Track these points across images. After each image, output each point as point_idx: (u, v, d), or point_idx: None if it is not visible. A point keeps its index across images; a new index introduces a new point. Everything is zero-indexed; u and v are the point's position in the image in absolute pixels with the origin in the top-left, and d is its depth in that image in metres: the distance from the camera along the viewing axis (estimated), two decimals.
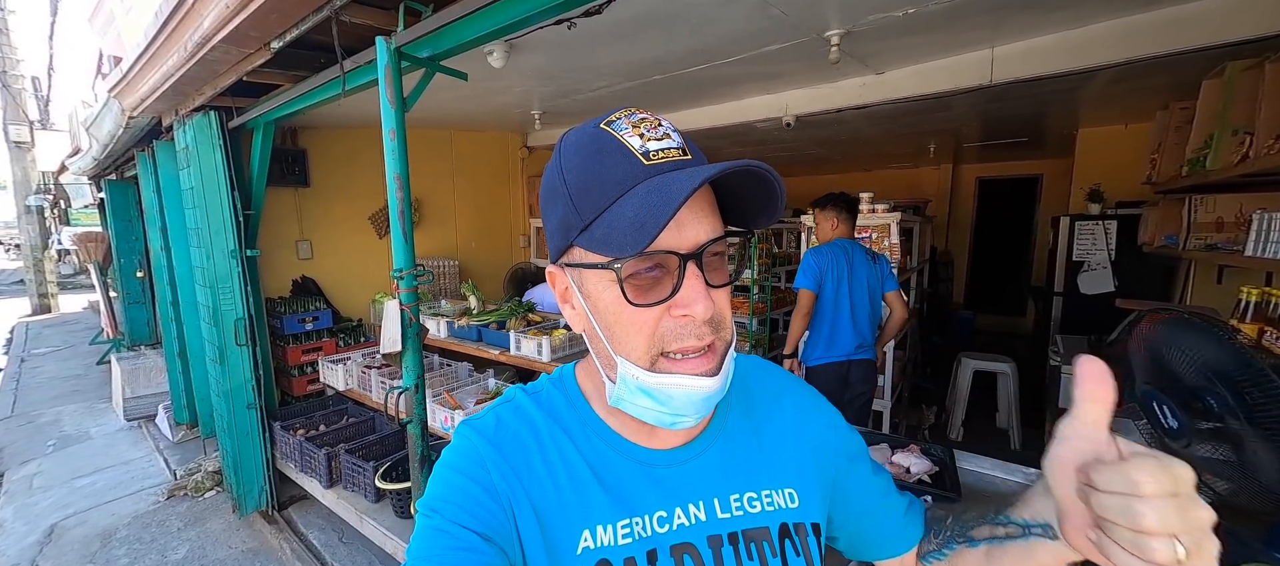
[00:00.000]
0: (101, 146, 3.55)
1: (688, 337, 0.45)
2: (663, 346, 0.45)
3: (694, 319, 0.44)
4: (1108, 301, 3.39)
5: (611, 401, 0.50)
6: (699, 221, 0.44)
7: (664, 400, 0.46)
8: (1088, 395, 0.38)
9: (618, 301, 0.45)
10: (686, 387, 0.46)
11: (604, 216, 0.43)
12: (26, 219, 9.22)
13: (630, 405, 0.49)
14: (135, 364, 4.54)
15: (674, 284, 0.44)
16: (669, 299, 0.44)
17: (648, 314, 0.45)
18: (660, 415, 0.48)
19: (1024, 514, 0.47)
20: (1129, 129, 4.02)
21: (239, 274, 2.71)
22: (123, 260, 5.44)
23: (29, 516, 3.05)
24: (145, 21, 2.13)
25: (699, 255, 0.44)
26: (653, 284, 0.45)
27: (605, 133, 0.45)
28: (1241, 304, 1.49)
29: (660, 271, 0.45)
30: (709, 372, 0.46)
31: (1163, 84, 2.85)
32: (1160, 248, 2.79)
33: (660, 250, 0.43)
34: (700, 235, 0.44)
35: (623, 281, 0.44)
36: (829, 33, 2.06)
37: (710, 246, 0.45)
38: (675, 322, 0.45)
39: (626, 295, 0.44)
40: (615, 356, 0.47)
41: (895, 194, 5.11)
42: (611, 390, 0.50)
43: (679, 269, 0.44)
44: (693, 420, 0.49)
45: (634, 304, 0.44)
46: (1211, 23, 1.85)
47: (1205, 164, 2.17)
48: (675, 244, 0.43)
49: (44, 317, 9.27)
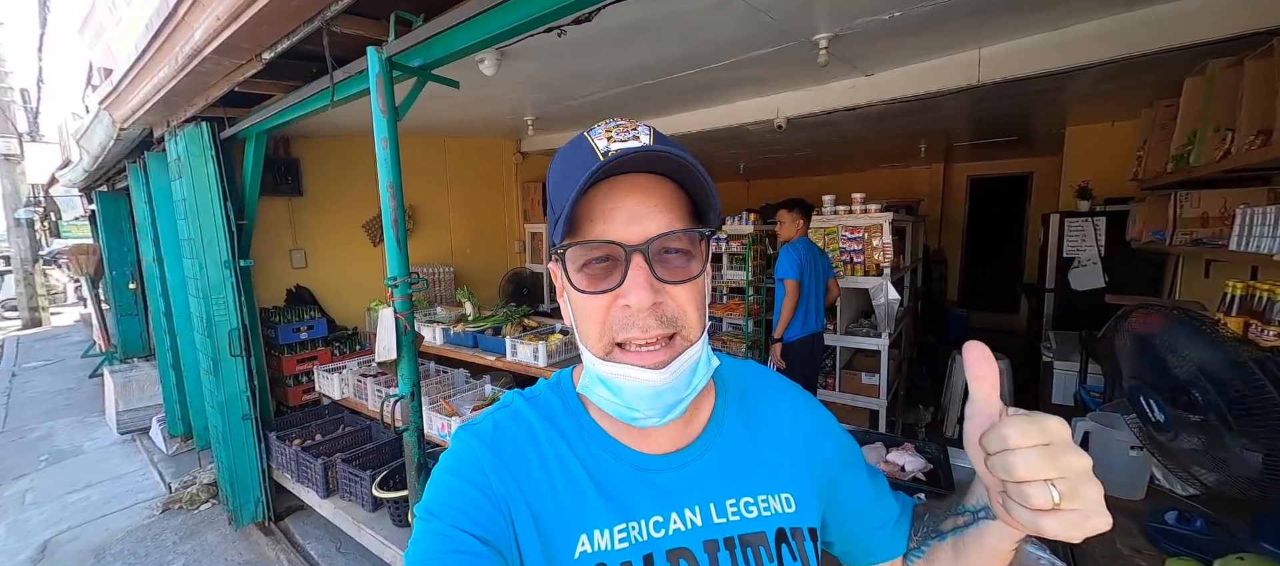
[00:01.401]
0: (92, 158, 3.53)
1: (633, 328, 0.46)
2: (614, 336, 0.47)
3: (632, 309, 0.46)
4: (1098, 297, 3.43)
5: (579, 389, 0.53)
6: (652, 216, 0.46)
7: (615, 391, 0.48)
8: (976, 376, 0.42)
9: (574, 290, 0.48)
10: (634, 380, 0.47)
11: (564, 211, 0.46)
12: (16, 232, 9.13)
13: (593, 394, 0.51)
14: (128, 376, 4.51)
15: (621, 275, 0.46)
16: (614, 288, 0.47)
17: (597, 302, 0.47)
18: (618, 407, 0.49)
19: (971, 501, 0.50)
20: (1116, 126, 4.07)
21: (232, 284, 2.70)
22: (115, 272, 5.41)
23: (21, 533, 3.02)
24: (136, 33, 2.13)
25: (646, 248, 0.45)
26: (604, 274, 0.47)
27: (582, 138, 0.48)
28: (1227, 298, 1.51)
29: (610, 262, 0.47)
30: (655, 366, 0.46)
31: (1148, 82, 2.89)
32: (1148, 243, 2.82)
33: (605, 240, 0.46)
34: (650, 229, 0.46)
35: (567, 269, 0.48)
36: (817, 36, 2.09)
37: (660, 240, 0.46)
38: (620, 312, 0.47)
39: (572, 282, 0.48)
40: (581, 345, 0.51)
41: (888, 194, 5.15)
42: (582, 380, 0.53)
43: (625, 260, 0.46)
44: (652, 418, 0.49)
45: (579, 290, 0.48)
46: (1193, 21, 1.88)
47: (1189, 160, 2.20)
48: (623, 236, 0.46)
49: (35, 332, 9.18)
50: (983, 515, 0.48)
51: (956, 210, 6.78)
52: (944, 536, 0.54)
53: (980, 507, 0.49)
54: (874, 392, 3.23)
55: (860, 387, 3.29)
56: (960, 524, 0.52)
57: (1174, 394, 1.17)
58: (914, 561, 0.59)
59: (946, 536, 0.54)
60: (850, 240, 3.23)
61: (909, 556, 0.60)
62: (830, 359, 3.43)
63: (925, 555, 0.57)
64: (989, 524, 0.48)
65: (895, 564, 0.61)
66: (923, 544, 0.58)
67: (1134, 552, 1.19)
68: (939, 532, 0.55)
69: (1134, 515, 1.30)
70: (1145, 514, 1.29)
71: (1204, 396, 1.10)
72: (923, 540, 0.58)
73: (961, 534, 0.52)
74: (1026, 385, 3.76)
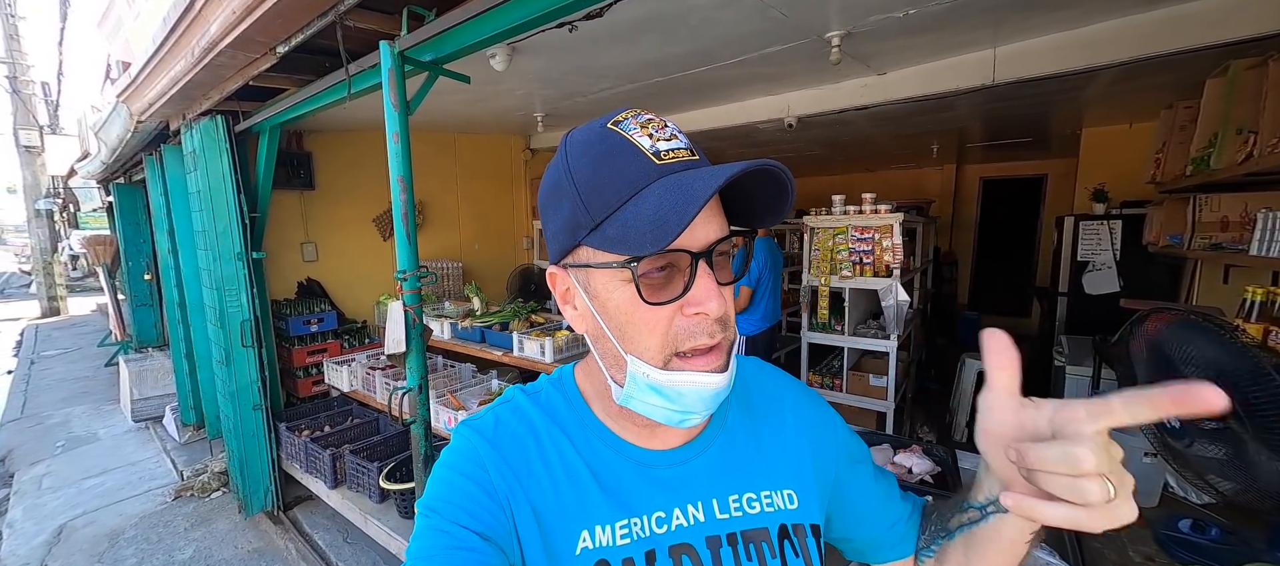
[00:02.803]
0: (110, 150, 3.59)
1: (701, 336, 0.45)
2: (676, 345, 0.45)
3: (707, 316, 0.45)
4: (1113, 302, 3.37)
5: (619, 401, 0.50)
6: (708, 220, 0.45)
7: (674, 397, 0.47)
8: (996, 365, 0.41)
9: (631, 300, 0.45)
10: (697, 385, 0.46)
11: (616, 215, 0.43)
12: (36, 222, 9.32)
13: (640, 403, 0.49)
14: (143, 365, 4.58)
15: (685, 282, 0.44)
16: (681, 297, 0.44)
17: (661, 312, 0.45)
18: (670, 413, 0.48)
19: (979, 496, 0.49)
20: (1133, 128, 4.00)
21: (245, 276, 2.73)
22: (131, 263, 5.50)
23: (38, 516, 3.08)
24: (153, 27, 2.16)
25: (709, 253, 0.44)
26: (664, 283, 0.45)
27: (614, 132, 0.45)
28: (1246, 303, 1.48)
29: (671, 270, 0.45)
30: (718, 369, 0.46)
31: (1166, 83, 2.84)
32: (1165, 247, 2.76)
33: (673, 249, 0.43)
34: (710, 234, 0.45)
35: (638, 280, 0.44)
36: (829, 34, 2.07)
37: (719, 245, 0.45)
38: (688, 321, 0.45)
39: (642, 294, 0.44)
40: (625, 355, 0.47)
41: (899, 194, 5.10)
42: (618, 391, 0.50)
43: (690, 267, 0.44)
44: (700, 417, 0.49)
45: (649, 302, 0.44)
46: (1213, 21, 1.84)
47: (1209, 163, 2.16)
48: (688, 242, 0.44)
49: (53, 320, 9.37)
50: (992, 509, 0.47)
51: (969, 212, 6.70)
52: (953, 535, 0.53)
53: (991, 502, 0.48)
54: (882, 395, 3.20)
55: (868, 389, 3.27)
56: (969, 521, 0.50)
57: None
58: (924, 561, 0.58)
59: (955, 534, 0.53)
60: (859, 240, 3.20)
61: (919, 555, 0.59)
62: (837, 360, 3.44)
63: (935, 554, 0.56)
64: (1003, 517, 0.46)
65: (906, 563, 0.60)
66: (932, 543, 0.57)
67: (1146, 560, 1.17)
68: (947, 531, 0.54)
69: (1147, 523, 1.28)
70: (1158, 522, 1.27)
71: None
72: (931, 539, 0.57)
73: (970, 530, 0.50)
74: (1038, 390, 3.65)
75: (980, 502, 0.49)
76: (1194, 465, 1.17)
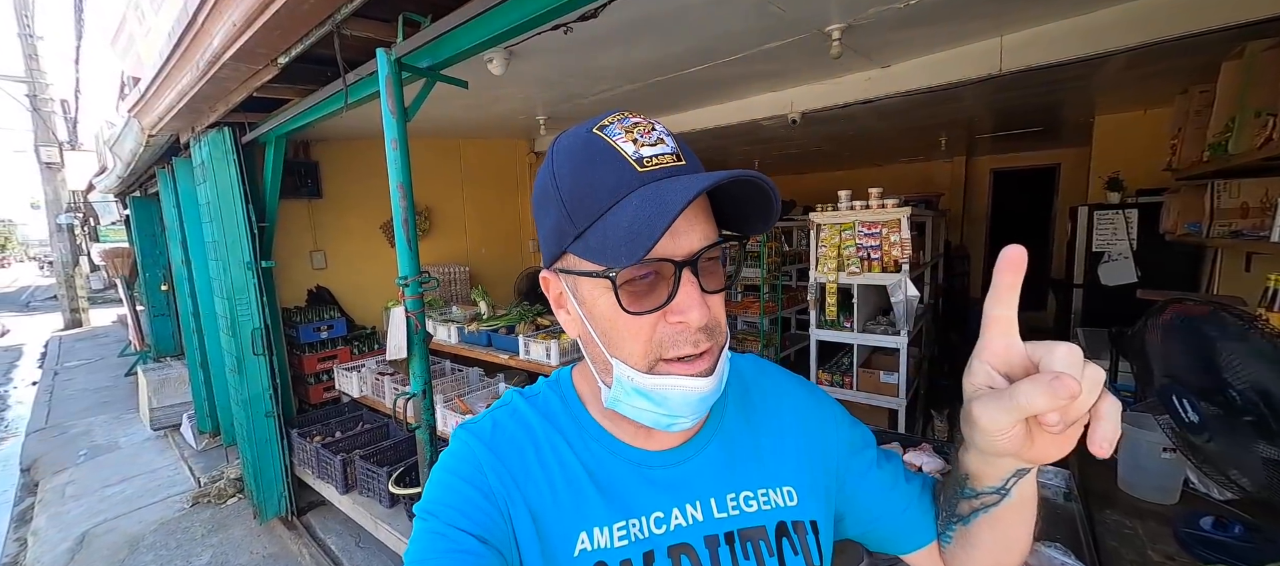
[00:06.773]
0: (124, 165, 3.67)
1: (684, 345, 0.45)
2: (660, 352, 0.45)
3: (689, 326, 0.44)
4: (1130, 293, 3.29)
5: (607, 403, 0.50)
6: (693, 228, 0.44)
7: (660, 401, 0.47)
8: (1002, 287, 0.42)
9: (613, 308, 0.45)
10: (683, 389, 0.46)
11: (597, 224, 0.43)
12: (58, 236, 9.56)
13: (627, 407, 0.49)
14: (161, 375, 4.68)
15: (670, 291, 0.44)
16: (664, 305, 0.44)
17: (643, 321, 0.45)
18: (657, 417, 0.48)
19: (989, 476, 0.46)
20: (1148, 114, 3.90)
21: (255, 285, 2.77)
22: (148, 274, 5.62)
23: (62, 524, 3.16)
24: (160, 42, 2.20)
25: (694, 262, 0.44)
26: (648, 290, 0.45)
27: (598, 138, 0.44)
28: (1269, 292, 1.43)
29: (655, 278, 0.45)
30: (703, 373, 0.46)
31: (1180, 67, 2.76)
32: (1183, 236, 2.69)
33: (655, 258, 0.42)
34: (694, 242, 0.44)
35: (618, 290, 0.44)
36: (830, 27, 2.04)
37: (705, 253, 0.44)
38: (671, 329, 0.45)
39: (622, 303, 0.44)
40: (611, 359, 0.47)
41: (907, 188, 5.02)
42: (607, 393, 0.50)
43: (674, 276, 0.44)
44: (689, 421, 0.49)
45: (629, 312, 0.44)
46: (1227, 2, 1.79)
47: (1227, 148, 2.10)
48: (670, 251, 0.43)
49: (75, 332, 9.60)
50: (1013, 482, 0.46)
51: (980, 204, 6.59)
52: (968, 520, 0.51)
53: (1011, 476, 0.45)
54: (893, 392, 3.16)
55: (878, 386, 3.22)
56: (985, 504, 0.48)
57: (1208, 393, 1.11)
58: (945, 547, 0.56)
59: (971, 520, 0.51)
60: (867, 236, 3.16)
61: (941, 540, 0.57)
62: (847, 357, 3.40)
63: (953, 540, 0.54)
64: (1019, 485, 0.46)
65: (931, 548, 0.58)
66: (947, 529, 0.55)
67: (1166, 559, 1.13)
68: (960, 517, 0.52)
69: (1166, 520, 1.24)
70: (1178, 519, 1.23)
71: (1243, 396, 1.04)
72: (946, 525, 0.55)
73: (989, 512, 0.49)
74: None
75: (996, 486, 0.47)
76: (1215, 461, 1.13)
